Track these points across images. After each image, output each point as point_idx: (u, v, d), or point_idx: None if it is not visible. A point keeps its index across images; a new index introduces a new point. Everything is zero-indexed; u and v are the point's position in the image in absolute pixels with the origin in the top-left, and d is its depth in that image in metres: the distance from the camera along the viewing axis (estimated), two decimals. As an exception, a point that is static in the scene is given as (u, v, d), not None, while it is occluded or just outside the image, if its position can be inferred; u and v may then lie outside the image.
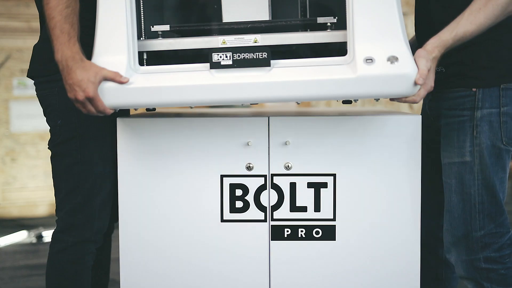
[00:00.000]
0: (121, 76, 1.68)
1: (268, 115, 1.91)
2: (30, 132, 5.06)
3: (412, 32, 2.12)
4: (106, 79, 1.68)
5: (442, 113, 1.88)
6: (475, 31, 1.69)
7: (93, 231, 1.95)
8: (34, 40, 2.00)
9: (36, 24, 2.06)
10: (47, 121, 1.97)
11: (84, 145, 1.91)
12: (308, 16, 1.86)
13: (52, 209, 5.09)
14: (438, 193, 1.97)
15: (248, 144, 1.88)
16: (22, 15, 4.92)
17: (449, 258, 1.90)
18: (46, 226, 4.60)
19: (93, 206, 1.93)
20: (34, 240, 4.37)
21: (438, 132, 1.93)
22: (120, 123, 1.90)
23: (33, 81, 2.01)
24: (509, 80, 1.79)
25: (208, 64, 1.69)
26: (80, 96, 1.68)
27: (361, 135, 1.88)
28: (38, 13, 1.96)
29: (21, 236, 4.46)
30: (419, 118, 1.87)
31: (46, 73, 1.92)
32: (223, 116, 1.92)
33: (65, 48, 1.69)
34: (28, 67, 2.00)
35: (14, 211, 5.07)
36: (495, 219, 1.82)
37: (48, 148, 1.97)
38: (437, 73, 1.74)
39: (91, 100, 1.69)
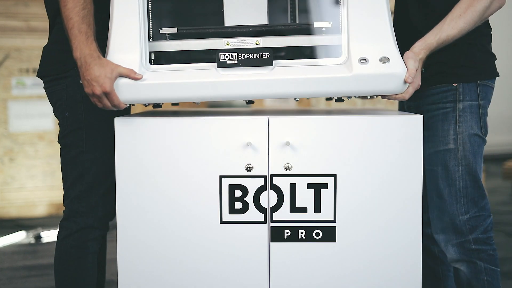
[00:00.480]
0: (135, 73, 1.81)
1: (268, 115, 1.90)
2: (29, 132, 5.05)
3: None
4: (122, 75, 1.81)
5: (424, 109, 2.02)
6: (456, 35, 1.88)
7: (97, 218, 2.01)
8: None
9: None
10: (56, 115, 2.05)
11: (90, 135, 1.98)
12: (297, 21, 2.04)
13: (51, 209, 5.09)
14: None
15: (247, 144, 1.87)
16: (21, 15, 4.90)
17: (439, 244, 2.02)
18: (45, 227, 4.59)
19: (97, 195, 2.00)
20: (32, 240, 4.36)
21: None
22: (118, 122, 1.89)
23: (42, 81, 2.08)
24: (484, 77, 1.99)
25: (215, 63, 1.83)
26: (98, 91, 1.79)
27: (361, 135, 1.87)
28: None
29: (19, 237, 4.45)
30: (419, 118, 1.87)
31: (55, 72, 2.00)
32: (223, 116, 1.90)
33: (83, 46, 1.81)
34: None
35: (13, 211, 5.06)
36: (478, 203, 1.98)
37: (58, 141, 2.04)
38: None
39: (107, 94, 1.80)
